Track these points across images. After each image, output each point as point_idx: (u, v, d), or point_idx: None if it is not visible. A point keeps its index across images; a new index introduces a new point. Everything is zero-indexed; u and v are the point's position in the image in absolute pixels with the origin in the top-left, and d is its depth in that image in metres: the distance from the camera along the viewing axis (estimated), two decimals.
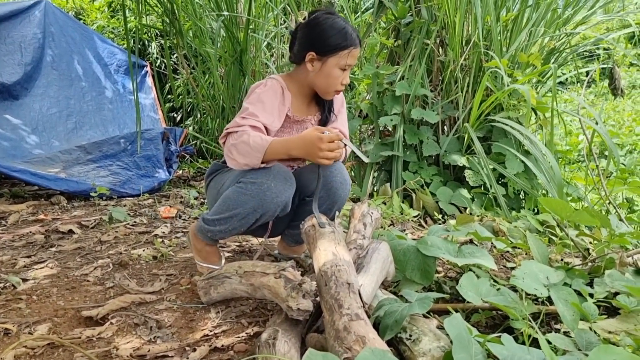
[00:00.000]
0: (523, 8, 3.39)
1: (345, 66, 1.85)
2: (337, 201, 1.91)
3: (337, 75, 1.86)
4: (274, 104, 1.83)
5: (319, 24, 1.82)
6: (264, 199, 1.71)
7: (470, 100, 3.25)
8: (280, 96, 1.86)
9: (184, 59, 4.94)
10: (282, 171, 1.75)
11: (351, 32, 1.84)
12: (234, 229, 1.80)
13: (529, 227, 2.58)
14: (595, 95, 11.21)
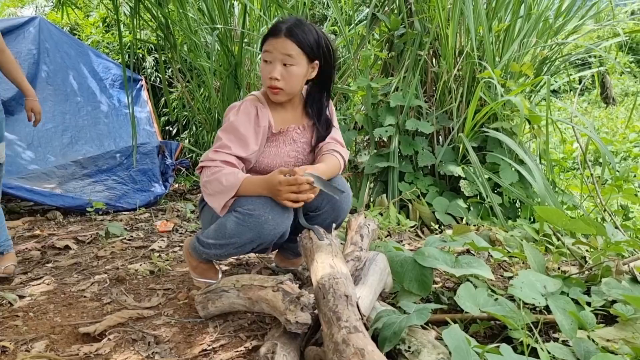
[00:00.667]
0: (515, 19, 3.43)
1: (264, 57, 1.78)
2: (341, 215, 1.91)
3: (263, 70, 1.81)
4: (248, 130, 1.80)
5: None
6: (261, 232, 1.68)
7: (464, 111, 3.27)
8: (254, 118, 1.82)
9: (178, 73, 4.96)
10: (279, 208, 1.71)
11: (280, 24, 1.78)
12: (229, 254, 1.80)
13: (525, 236, 2.59)
14: (589, 103, 11.29)
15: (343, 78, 4.45)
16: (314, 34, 1.78)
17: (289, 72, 1.75)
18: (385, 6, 3.72)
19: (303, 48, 1.74)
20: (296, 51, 1.73)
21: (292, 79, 1.76)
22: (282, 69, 1.75)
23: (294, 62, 1.74)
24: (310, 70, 1.82)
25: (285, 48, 1.73)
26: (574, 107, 3.52)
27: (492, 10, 3.42)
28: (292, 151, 1.93)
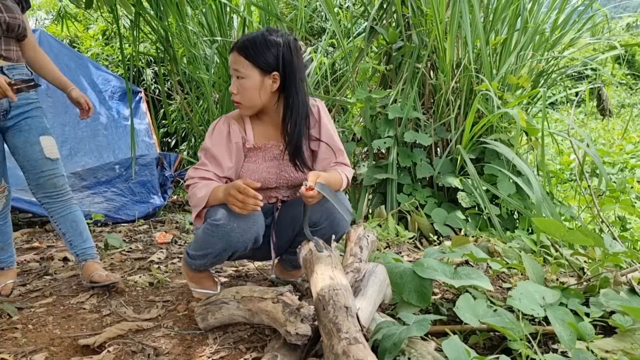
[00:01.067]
0: (511, 32, 3.46)
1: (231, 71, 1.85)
2: (340, 231, 1.92)
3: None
4: (220, 149, 1.85)
5: None
6: (229, 240, 1.73)
7: (462, 123, 3.30)
8: (226, 136, 1.87)
9: (178, 85, 4.98)
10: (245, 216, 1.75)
11: (239, 39, 1.82)
12: (212, 263, 1.87)
13: (523, 247, 2.60)
14: (585, 115, 11.34)
15: (342, 90, 4.48)
16: (270, 40, 1.77)
17: (241, 85, 1.80)
18: (383, 19, 3.75)
19: (252, 60, 1.76)
20: (244, 64, 1.77)
21: (245, 92, 1.80)
22: (236, 83, 1.81)
23: (243, 75, 1.78)
24: (271, 82, 1.80)
25: (234, 62, 1.79)
26: (570, 119, 3.55)
27: (489, 23, 3.46)
28: (272, 167, 1.93)
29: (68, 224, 2.19)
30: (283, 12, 5.48)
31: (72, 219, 2.20)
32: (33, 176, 2.10)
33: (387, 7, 3.70)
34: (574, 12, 3.79)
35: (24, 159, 2.08)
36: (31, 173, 2.09)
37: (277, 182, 1.95)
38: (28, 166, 2.08)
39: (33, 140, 2.07)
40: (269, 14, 3.96)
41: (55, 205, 2.16)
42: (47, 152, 2.09)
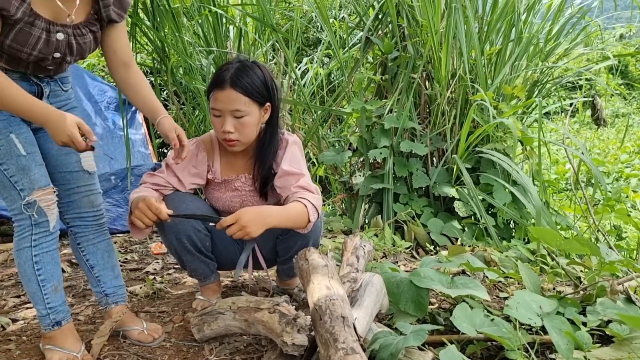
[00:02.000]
0: (506, 42, 3.49)
1: (213, 111, 1.74)
2: (309, 237, 1.83)
3: (214, 122, 1.76)
4: (182, 167, 1.85)
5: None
6: (173, 227, 1.79)
7: (457, 132, 3.31)
8: (192, 158, 1.87)
9: (174, 95, 4.98)
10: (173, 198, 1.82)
11: (223, 73, 1.71)
12: (195, 266, 1.93)
13: (520, 256, 2.60)
14: (580, 125, 11.42)
15: (338, 100, 4.50)
16: (259, 74, 1.74)
17: (242, 124, 1.73)
18: (378, 30, 3.77)
19: (250, 95, 1.71)
20: (245, 101, 1.70)
21: (247, 129, 1.74)
22: (234, 121, 1.72)
23: (245, 113, 1.71)
24: (264, 114, 1.80)
25: (233, 101, 1.69)
26: (565, 129, 3.56)
27: (484, 33, 3.48)
28: (235, 197, 1.95)
29: (99, 255, 1.79)
30: (279, 22, 5.51)
31: (105, 249, 1.80)
32: (65, 192, 1.71)
33: (382, 17, 3.72)
34: (567, 22, 3.82)
35: (56, 169, 1.70)
36: (63, 188, 1.70)
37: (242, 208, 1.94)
38: (60, 178, 1.69)
39: (69, 148, 1.65)
40: (265, 25, 3.97)
41: (87, 230, 1.77)
42: (85, 164, 1.74)
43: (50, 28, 1.48)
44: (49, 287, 1.59)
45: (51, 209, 1.58)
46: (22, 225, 1.56)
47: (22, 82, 1.54)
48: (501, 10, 3.48)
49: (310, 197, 1.73)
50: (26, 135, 1.56)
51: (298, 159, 1.85)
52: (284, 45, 4.00)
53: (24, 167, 1.52)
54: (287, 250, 1.88)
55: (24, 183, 1.51)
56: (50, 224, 1.58)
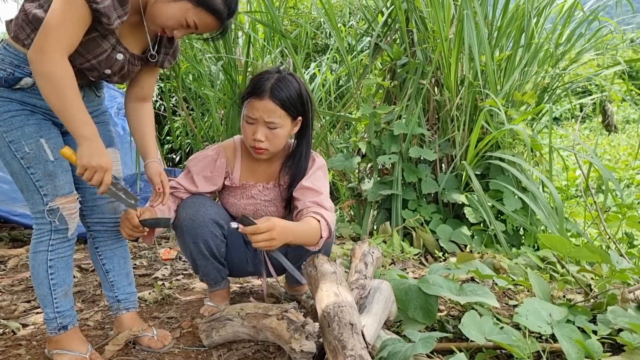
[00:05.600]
0: (516, 48, 3.48)
1: (247, 118, 1.76)
2: (320, 249, 1.82)
3: (246, 129, 1.77)
4: (199, 173, 1.89)
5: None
6: (190, 230, 1.81)
7: (466, 138, 3.30)
8: (210, 163, 1.90)
9: (183, 101, 5.01)
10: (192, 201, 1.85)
11: (261, 82, 1.73)
12: (207, 270, 1.94)
13: (529, 263, 2.58)
14: (590, 130, 11.34)
15: (346, 106, 4.50)
16: (297, 87, 1.76)
17: (274, 134, 1.75)
18: (387, 36, 3.78)
19: (287, 109, 1.73)
20: (280, 113, 1.73)
21: (277, 140, 1.77)
22: (266, 131, 1.74)
23: (278, 125, 1.74)
24: (294, 127, 1.82)
25: (269, 112, 1.71)
26: (575, 135, 3.54)
27: (494, 39, 3.47)
28: (249, 205, 1.96)
29: (115, 261, 1.80)
30: (287, 29, 5.53)
31: (121, 255, 1.82)
32: (90, 196, 1.72)
33: (391, 24, 3.72)
34: (578, 27, 3.81)
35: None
36: (89, 192, 1.72)
37: (254, 216, 1.95)
38: (87, 183, 1.61)
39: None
40: (274, 31, 3.99)
41: (106, 235, 1.78)
42: (113, 169, 1.66)
43: (116, 46, 1.55)
44: (60, 292, 1.61)
45: (72, 217, 1.60)
46: (41, 230, 1.58)
47: None
48: (511, 15, 3.47)
49: (325, 214, 1.74)
50: (56, 140, 1.57)
51: (320, 179, 1.87)
52: (293, 51, 4.01)
53: (50, 173, 1.53)
54: (297, 259, 1.88)
55: (48, 188, 1.53)
56: (69, 232, 1.60)
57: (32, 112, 1.53)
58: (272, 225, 1.52)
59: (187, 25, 1.52)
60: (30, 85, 1.51)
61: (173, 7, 1.49)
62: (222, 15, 1.53)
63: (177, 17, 1.50)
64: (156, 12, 1.51)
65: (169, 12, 1.50)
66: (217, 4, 1.51)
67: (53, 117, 1.59)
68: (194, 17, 1.51)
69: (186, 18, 1.50)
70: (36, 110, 1.54)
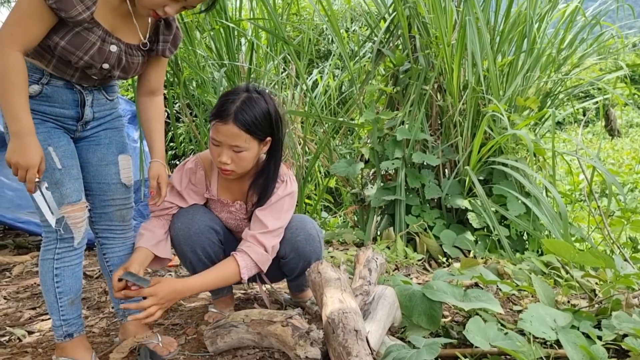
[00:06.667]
0: (518, 53, 3.49)
1: (212, 140, 1.72)
2: (310, 257, 1.86)
3: (212, 150, 1.74)
4: (180, 187, 1.88)
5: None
6: (186, 239, 1.82)
7: (469, 144, 3.30)
8: (190, 176, 1.89)
9: (186, 108, 5.03)
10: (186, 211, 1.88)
11: (226, 105, 1.68)
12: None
13: (533, 268, 2.58)
14: (593, 135, 11.33)
15: (349, 112, 4.51)
16: (264, 108, 1.71)
17: (239, 157, 1.72)
18: (390, 42, 3.79)
19: (252, 132, 1.68)
20: (245, 137, 1.68)
21: (243, 162, 1.73)
22: (231, 154, 1.70)
23: (243, 148, 1.70)
24: (263, 147, 1.78)
25: (233, 136, 1.67)
26: (579, 139, 3.54)
27: (496, 45, 3.48)
28: (230, 219, 1.97)
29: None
30: (290, 35, 5.55)
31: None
32: (99, 202, 1.72)
33: (393, 30, 3.74)
34: (580, 32, 3.82)
35: (94, 179, 1.71)
36: (98, 199, 1.72)
37: (237, 230, 1.97)
38: (97, 189, 1.71)
39: (110, 159, 1.72)
40: (277, 37, 4.01)
41: (114, 242, 1.79)
42: (123, 176, 1.74)
43: (106, 38, 1.52)
44: (65, 300, 1.62)
45: (79, 226, 1.60)
46: (48, 238, 1.60)
47: (65, 89, 1.57)
48: (513, 21, 3.48)
49: (253, 253, 1.75)
50: (65, 148, 1.58)
51: (280, 210, 1.83)
52: (296, 58, 4.02)
53: (57, 181, 1.55)
54: (292, 271, 1.93)
55: (55, 196, 1.53)
56: (75, 241, 1.61)
57: (42, 120, 1.54)
58: (154, 291, 1.56)
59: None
60: (38, 93, 1.52)
61: None
62: None
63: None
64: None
65: None
66: None
67: (65, 123, 1.61)
68: None
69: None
70: (46, 117, 1.55)
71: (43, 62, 1.52)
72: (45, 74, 1.53)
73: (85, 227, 1.63)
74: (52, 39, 1.46)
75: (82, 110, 1.63)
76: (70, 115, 1.61)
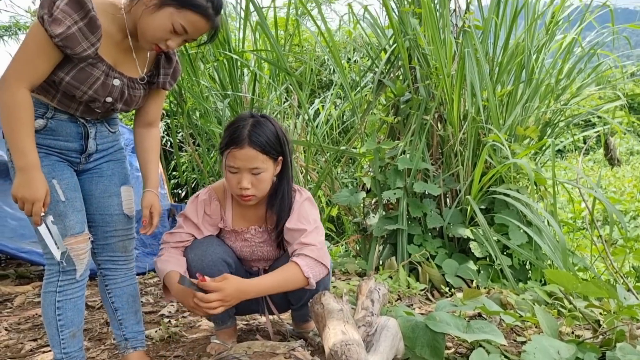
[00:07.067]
0: (517, 83, 3.53)
1: (229, 168, 1.75)
2: (318, 286, 1.81)
3: (230, 179, 1.77)
4: (197, 219, 1.89)
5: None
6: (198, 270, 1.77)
7: (470, 173, 3.32)
8: (204, 209, 1.91)
9: (189, 137, 5.08)
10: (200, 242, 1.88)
11: (238, 130, 1.72)
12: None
13: (536, 298, 2.57)
14: (594, 162, 11.36)
15: (351, 142, 4.55)
16: (272, 129, 1.77)
17: (259, 179, 1.76)
18: (390, 73, 3.85)
19: (268, 152, 1.74)
20: (262, 158, 1.73)
21: (263, 184, 1.78)
22: (251, 177, 1.74)
23: (262, 169, 1.74)
24: (276, 167, 1.83)
25: (251, 159, 1.72)
26: (579, 168, 3.56)
27: (495, 75, 3.54)
28: (245, 247, 1.97)
29: (124, 299, 1.81)
30: (292, 66, 5.63)
31: (130, 293, 1.83)
32: (102, 234, 1.73)
33: (394, 61, 3.80)
34: (578, 62, 3.88)
35: (97, 210, 1.72)
36: (101, 230, 1.73)
37: (251, 258, 1.98)
38: (100, 220, 1.72)
39: (113, 190, 1.74)
40: (279, 68, 4.07)
41: (116, 273, 1.79)
42: (125, 207, 1.77)
43: (109, 72, 1.57)
44: (67, 333, 1.62)
45: (81, 258, 1.61)
46: (51, 270, 1.61)
47: (69, 122, 1.61)
48: (511, 52, 3.54)
49: (309, 251, 1.75)
50: (69, 180, 1.60)
51: (306, 212, 1.86)
52: (298, 88, 4.08)
53: (60, 214, 1.56)
54: (298, 299, 1.90)
55: (58, 228, 1.55)
56: (77, 273, 1.62)
57: (46, 154, 1.57)
58: (220, 286, 1.58)
59: (176, 31, 1.53)
60: (43, 127, 1.55)
61: (158, 16, 1.50)
62: (207, 11, 1.53)
63: (165, 24, 1.51)
64: (144, 27, 1.53)
65: (155, 23, 1.51)
66: (199, 0, 1.51)
67: (69, 156, 1.64)
68: (181, 21, 1.51)
69: (173, 23, 1.51)
70: (51, 151, 1.58)
71: (48, 97, 1.56)
72: (50, 108, 1.57)
73: (87, 259, 1.64)
74: (57, 74, 1.50)
75: (86, 143, 1.66)
76: (74, 148, 1.65)
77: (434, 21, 3.23)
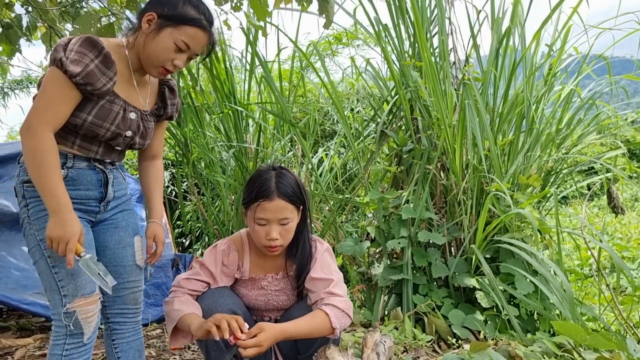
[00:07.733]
0: (518, 133, 3.58)
1: (259, 220, 1.78)
2: (329, 338, 1.82)
3: (258, 231, 1.80)
4: (215, 269, 1.91)
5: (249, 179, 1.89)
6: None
7: (474, 222, 3.32)
8: (222, 257, 1.93)
9: (194, 187, 5.11)
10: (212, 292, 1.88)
11: (265, 183, 1.78)
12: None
13: (545, 350, 2.52)
14: (599, 209, 11.32)
15: (355, 191, 4.57)
16: (294, 179, 1.84)
17: (287, 229, 1.81)
18: (393, 123, 3.91)
19: (294, 202, 1.80)
20: (291, 208, 1.80)
21: (289, 234, 1.83)
22: (279, 228, 1.79)
23: (290, 219, 1.80)
24: (299, 215, 1.88)
25: (281, 210, 1.77)
26: (583, 216, 3.56)
27: (496, 125, 3.59)
28: (260, 296, 1.98)
29: (131, 354, 1.79)
30: (296, 116, 5.73)
31: (137, 348, 1.81)
32: (114, 286, 1.65)
33: (396, 111, 3.86)
34: (577, 112, 3.93)
35: (110, 262, 1.72)
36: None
37: (265, 307, 1.99)
38: (113, 272, 1.67)
39: (127, 241, 1.77)
40: (284, 120, 4.14)
41: (125, 327, 1.78)
42: (137, 258, 1.78)
43: (126, 107, 1.65)
44: None
45: (89, 321, 1.60)
46: (58, 332, 1.60)
47: (88, 170, 1.65)
48: (511, 102, 3.60)
49: (338, 302, 1.76)
50: (85, 237, 1.60)
51: (329, 263, 1.90)
52: (302, 138, 4.14)
53: (73, 273, 1.56)
54: (307, 348, 1.88)
55: (69, 289, 1.56)
56: (84, 336, 1.60)
57: None
58: (260, 341, 1.57)
59: (179, 48, 1.61)
60: (64, 177, 1.57)
61: (160, 38, 1.60)
62: (201, 22, 1.62)
63: (168, 44, 1.60)
64: (150, 53, 1.61)
65: (159, 46, 1.60)
66: (192, 14, 1.60)
67: (89, 205, 1.67)
68: (182, 37, 1.60)
69: (175, 42, 1.60)
70: (72, 203, 1.58)
71: (67, 145, 1.60)
72: (69, 158, 1.60)
73: (96, 322, 1.63)
74: (79, 116, 1.56)
75: (105, 190, 1.70)
76: (94, 197, 1.68)
77: (435, 74, 3.31)
